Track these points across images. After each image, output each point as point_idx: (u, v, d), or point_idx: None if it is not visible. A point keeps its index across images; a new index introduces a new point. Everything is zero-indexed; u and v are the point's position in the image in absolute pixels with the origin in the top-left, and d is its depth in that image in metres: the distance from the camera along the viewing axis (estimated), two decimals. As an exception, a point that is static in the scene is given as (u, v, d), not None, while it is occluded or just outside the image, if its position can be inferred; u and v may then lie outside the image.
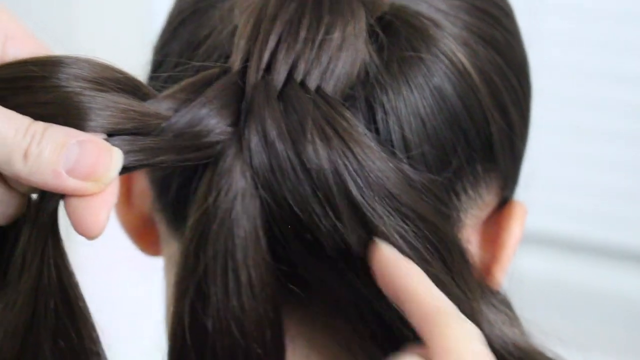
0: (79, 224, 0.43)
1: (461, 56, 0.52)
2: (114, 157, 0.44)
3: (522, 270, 0.59)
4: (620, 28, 1.61)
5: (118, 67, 0.46)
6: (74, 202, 0.43)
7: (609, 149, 1.66)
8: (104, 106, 0.44)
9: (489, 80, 0.53)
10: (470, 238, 0.56)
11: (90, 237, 0.44)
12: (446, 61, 0.51)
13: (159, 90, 0.47)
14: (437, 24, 0.52)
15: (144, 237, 0.63)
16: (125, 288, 1.20)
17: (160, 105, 0.46)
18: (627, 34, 1.61)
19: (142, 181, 0.60)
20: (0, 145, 0.42)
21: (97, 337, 0.48)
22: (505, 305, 0.55)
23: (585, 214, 1.70)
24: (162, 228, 0.58)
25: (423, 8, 0.52)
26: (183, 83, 0.47)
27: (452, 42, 0.52)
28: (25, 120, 0.43)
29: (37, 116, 0.43)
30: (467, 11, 0.54)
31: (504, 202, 0.58)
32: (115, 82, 0.45)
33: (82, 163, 0.43)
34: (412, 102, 0.50)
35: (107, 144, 0.44)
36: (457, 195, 0.53)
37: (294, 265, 0.49)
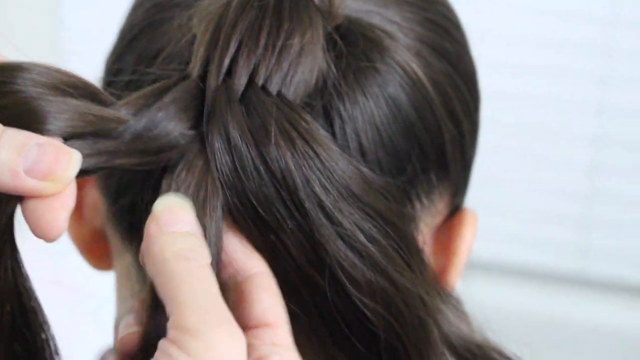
0: (37, 226, 0.43)
1: (415, 67, 0.53)
2: (72, 158, 0.44)
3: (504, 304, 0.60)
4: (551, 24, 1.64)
5: (76, 74, 0.46)
6: (31, 204, 0.43)
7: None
8: (62, 110, 0.44)
9: (442, 90, 0.54)
10: (426, 242, 0.57)
11: (49, 240, 0.43)
12: (400, 71, 0.52)
13: (118, 98, 0.47)
14: (390, 36, 0.53)
15: (95, 251, 0.62)
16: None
17: (119, 110, 0.46)
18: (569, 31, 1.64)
19: (93, 194, 0.60)
20: None
21: (54, 343, 0.48)
22: (459, 306, 0.57)
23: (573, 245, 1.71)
24: (115, 241, 0.58)
25: (376, 20, 0.53)
26: (142, 90, 0.48)
27: (405, 53, 0.53)
28: None
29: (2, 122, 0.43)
30: (420, 23, 0.55)
31: (455, 209, 0.59)
32: (74, 87, 0.45)
33: (41, 163, 0.42)
34: (368, 111, 0.51)
35: (66, 147, 0.44)
36: (412, 202, 0.54)
37: None
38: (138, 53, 0.55)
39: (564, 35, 1.63)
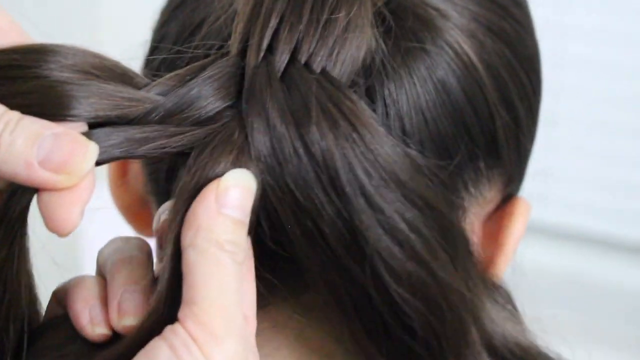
0: (50, 220, 0.42)
1: (467, 48, 0.50)
2: (89, 151, 0.42)
3: (527, 263, 0.58)
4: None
5: (107, 55, 0.45)
6: (46, 197, 0.42)
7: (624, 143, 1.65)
8: (89, 94, 0.43)
9: (496, 73, 0.51)
10: (474, 231, 0.54)
11: (61, 234, 0.42)
12: (451, 53, 0.50)
13: (154, 77, 0.46)
14: (443, 14, 0.50)
15: (139, 217, 0.62)
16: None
17: (150, 91, 0.45)
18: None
19: (137, 162, 0.59)
20: None
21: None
22: (507, 301, 0.54)
23: (598, 208, 1.69)
24: (154, 208, 0.57)
25: None
26: (177, 70, 0.46)
27: (458, 34, 0.50)
28: None
29: (19, 105, 0.42)
30: (476, 1, 0.52)
31: (508, 198, 0.57)
32: (103, 70, 0.44)
33: (55, 155, 0.41)
34: (413, 94, 0.49)
35: (83, 137, 0.42)
36: (458, 191, 0.51)
37: (289, 253, 0.47)
38: (180, 22, 0.53)
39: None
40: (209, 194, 0.42)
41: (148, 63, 0.55)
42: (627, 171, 1.64)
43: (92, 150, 0.42)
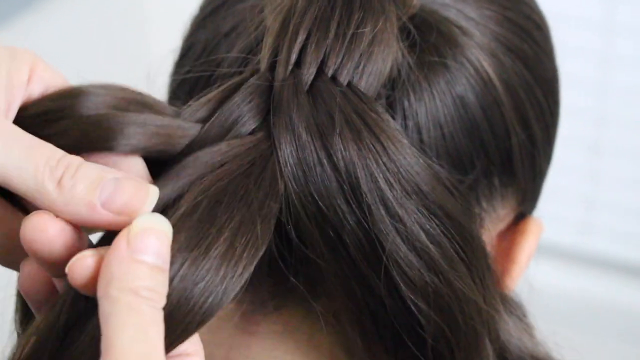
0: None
1: (487, 66, 0.51)
2: (149, 194, 0.42)
3: (541, 283, 0.59)
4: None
5: (135, 89, 0.45)
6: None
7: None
8: (131, 124, 0.44)
9: (514, 93, 0.52)
10: (491, 245, 0.55)
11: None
12: (471, 70, 0.51)
13: (177, 91, 0.47)
14: (465, 32, 0.51)
15: None
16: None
17: (186, 120, 0.45)
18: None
19: None
20: (30, 172, 0.41)
21: None
22: (522, 314, 0.55)
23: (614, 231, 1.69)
24: None
25: (452, 14, 0.52)
26: (209, 95, 0.47)
27: (479, 52, 0.51)
28: (57, 151, 0.42)
29: (62, 146, 0.43)
30: (498, 22, 0.53)
31: (521, 217, 0.57)
32: (136, 103, 0.45)
33: (118, 198, 0.42)
34: (432, 107, 0.50)
35: (144, 182, 0.43)
36: (471, 206, 0.52)
37: (307, 261, 0.48)
38: (211, 30, 0.54)
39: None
40: (121, 240, 0.40)
41: (177, 70, 0.56)
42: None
43: (152, 192, 0.42)
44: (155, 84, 0.57)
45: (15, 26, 1.50)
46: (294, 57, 0.47)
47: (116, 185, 0.42)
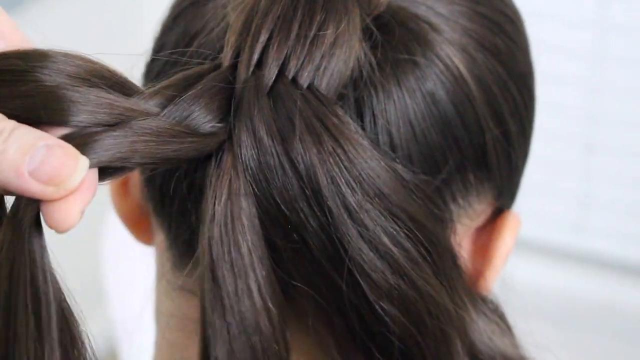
0: (49, 218, 0.41)
1: (458, 62, 0.51)
2: (79, 165, 0.41)
3: (517, 279, 0.59)
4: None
5: (105, 63, 0.45)
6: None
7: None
8: (87, 101, 0.43)
9: (486, 88, 0.52)
10: (462, 244, 0.55)
11: (60, 231, 0.42)
12: (441, 66, 0.50)
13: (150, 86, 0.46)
14: (435, 28, 0.51)
15: (138, 225, 0.62)
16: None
17: (148, 102, 0.45)
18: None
19: (137, 170, 0.60)
20: None
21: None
22: (497, 314, 0.55)
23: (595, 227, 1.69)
24: (152, 218, 0.58)
25: (422, 11, 0.52)
26: (172, 79, 0.46)
27: (449, 48, 0.51)
28: None
29: (18, 110, 0.42)
30: (468, 17, 0.53)
31: (499, 212, 0.57)
32: (100, 77, 0.44)
33: (46, 166, 0.41)
34: (402, 105, 0.49)
35: (75, 151, 0.42)
36: (446, 203, 0.52)
37: (281, 266, 0.48)
38: (180, 31, 0.54)
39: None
40: None
41: (148, 71, 0.57)
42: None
43: (82, 164, 0.41)
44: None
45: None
46: (255, 57, 0.47)
47: (46, 153, 0.41)
